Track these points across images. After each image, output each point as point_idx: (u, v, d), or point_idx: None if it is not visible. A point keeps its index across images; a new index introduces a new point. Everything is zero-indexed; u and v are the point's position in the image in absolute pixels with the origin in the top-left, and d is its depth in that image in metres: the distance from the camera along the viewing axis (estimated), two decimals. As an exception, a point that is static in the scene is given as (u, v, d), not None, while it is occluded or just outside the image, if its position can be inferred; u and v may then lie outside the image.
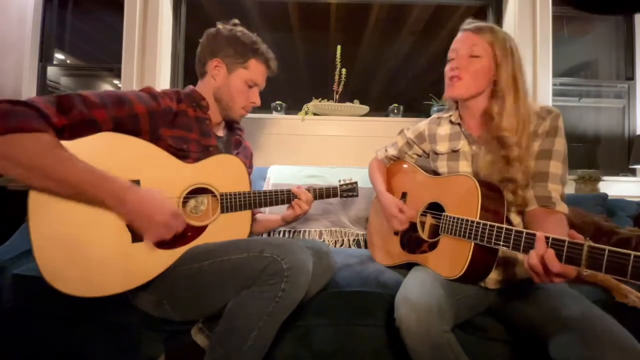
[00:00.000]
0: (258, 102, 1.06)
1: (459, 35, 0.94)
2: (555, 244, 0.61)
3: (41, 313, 0.96)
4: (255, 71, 1.01)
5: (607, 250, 0.54)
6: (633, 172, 2.10)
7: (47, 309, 0.96)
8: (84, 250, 0.74)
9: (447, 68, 0.94)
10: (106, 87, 2.56)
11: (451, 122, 1.03)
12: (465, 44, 0.90)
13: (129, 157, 0.82)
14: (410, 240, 1.02)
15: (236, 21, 1.03)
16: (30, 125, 0.66)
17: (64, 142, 0.72)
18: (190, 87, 1.02)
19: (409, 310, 0.76)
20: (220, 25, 1.01)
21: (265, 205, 1.02)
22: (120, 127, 0.80)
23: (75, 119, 0.73)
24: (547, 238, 0.63)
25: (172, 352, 0.87)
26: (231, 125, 1.12)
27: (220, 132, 1.07)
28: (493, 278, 0.89)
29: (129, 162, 0.81)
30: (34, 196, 0.71)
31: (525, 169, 0.85)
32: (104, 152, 0.79)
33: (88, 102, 0.75)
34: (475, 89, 0.91)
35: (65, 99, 0.73)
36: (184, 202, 0.90)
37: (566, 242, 0.60)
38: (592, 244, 0.57)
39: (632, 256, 0.52)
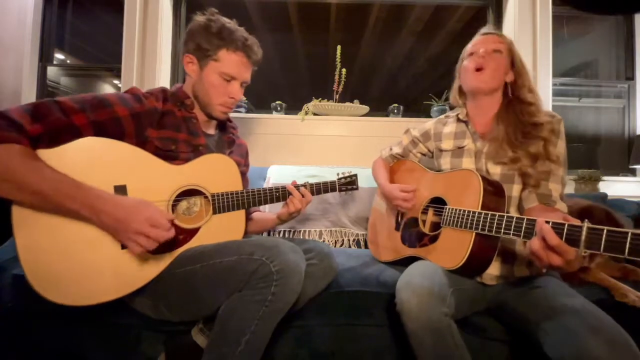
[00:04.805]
0: (238, 96, 0.96)
1: (480, 37, 0.99)
2: (555, 227, 0.63)
3: (41, 313, 0.96)
4: (228, 62, 0.92)
5: (605, 230, 0.56)
6: (633, 172, 2.10)
7: (47, 309, 0.95)
8: (73, 261, 0.73)
9: (468, 62, 0.97)
10: (106, 87, 2.55)
11: (458, 119, 1.04)
12: (488, 41, 0.96)
13: (114, 162, 0.79)
14: (411, 235, 1.03)
15: (214, 10, 0.93)
16: (0, 137, 0.65)
17: (43, 150, 0.71)
18: (177, 85, 0.98)
19: (410, 294, 0.76)
20: (195, 17, 0.93)
21: (259, 204, 0.99)
22: (103, 131, 0.78)
23: (51, 125, 0.71)
24: (547, 222, 0.64)
25: (172, 353, 0.87)
26: (224, 123, 1.08)
27: (211, 131, 1.04)
28: (491, 274, 0.90)
29: (114, 167, 0.79)
30: (18, 210, 0.69)
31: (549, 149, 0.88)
32: (87, 158, 0.76)
33: (65, 108, 0.73)
34: (496, 82, 0.95)
35: (40, 107, 0.71)
36: (175, 205, 0.87)
37: (566, 225, 0.62)
38: (591, 225, 0.59)
39: (630, 234, 0.53)
